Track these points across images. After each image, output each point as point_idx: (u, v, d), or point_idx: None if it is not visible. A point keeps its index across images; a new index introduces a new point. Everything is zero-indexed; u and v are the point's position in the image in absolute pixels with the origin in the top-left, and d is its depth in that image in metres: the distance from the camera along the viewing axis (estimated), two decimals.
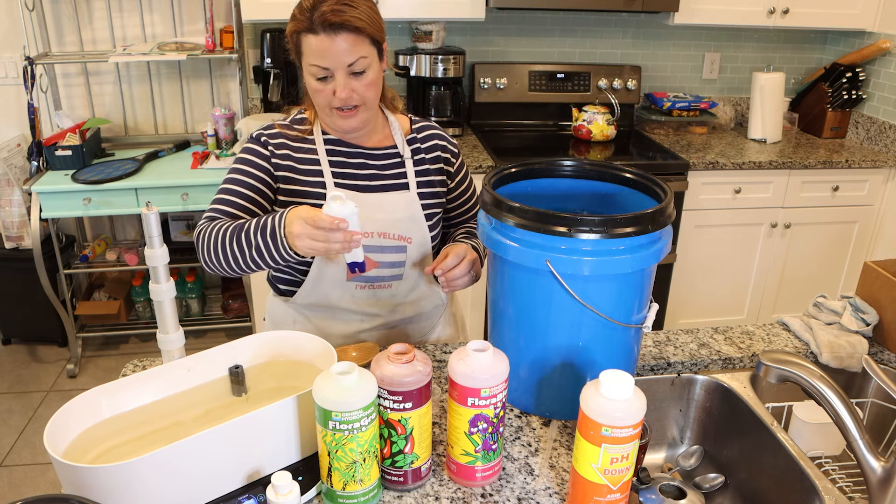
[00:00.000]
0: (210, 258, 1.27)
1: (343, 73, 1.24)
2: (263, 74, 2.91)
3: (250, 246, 1.20)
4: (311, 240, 1.12)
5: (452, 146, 1.48)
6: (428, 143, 1.44)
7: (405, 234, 1.37)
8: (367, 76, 1.27)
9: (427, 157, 1.43)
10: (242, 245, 1.21)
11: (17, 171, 2.80)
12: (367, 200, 1.34)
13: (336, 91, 1.26)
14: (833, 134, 3.21)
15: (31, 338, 3.18)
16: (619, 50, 3.25)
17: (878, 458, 0.98)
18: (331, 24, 1.21)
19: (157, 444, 0.92)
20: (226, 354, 1.09)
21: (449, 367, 0.99)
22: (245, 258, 1.22)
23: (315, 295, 1.41)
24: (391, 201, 1.37)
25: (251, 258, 1.21)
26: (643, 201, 1.21)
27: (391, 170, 1.39)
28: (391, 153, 1.41)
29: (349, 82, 1.26)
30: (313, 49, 1.23)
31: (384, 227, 1.35)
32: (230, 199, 1.32)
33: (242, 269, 1.25)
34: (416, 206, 1.38)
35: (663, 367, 1.33)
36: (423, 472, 1.02)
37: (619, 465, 0.91)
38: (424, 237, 1.40)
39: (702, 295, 3.04)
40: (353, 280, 1.38)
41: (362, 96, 1.28)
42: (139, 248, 3.02)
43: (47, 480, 2.37)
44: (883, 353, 1.38)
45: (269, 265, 1.23)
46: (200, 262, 1.29)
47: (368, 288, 1.40)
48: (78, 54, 2.90)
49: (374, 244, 1.35)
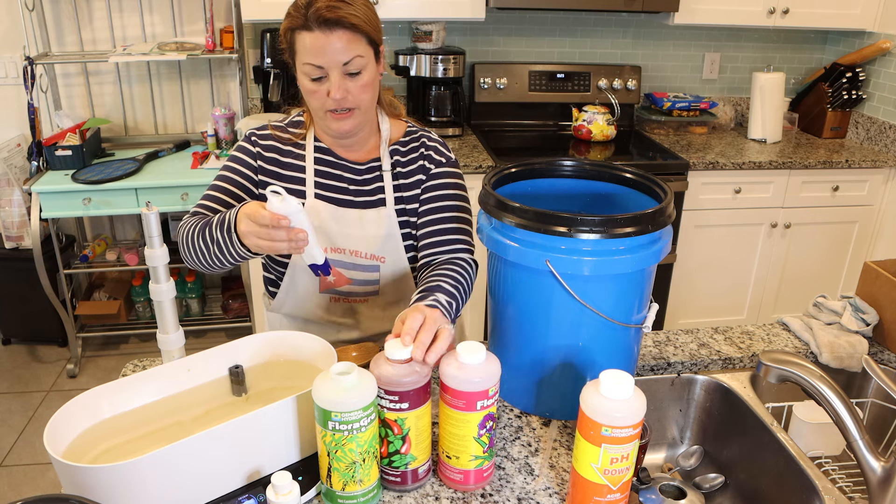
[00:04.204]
0: (184, 252, 1.26)
1: (338, 72, 1.20)
2: (263, 74, 2.92)
3: (212, 240, 1.18)
4: (257, 238, 1.08)
5: (438, 155, 1.37)
6: (410, 156, 1.36)
7: (378, 253, 1.33)
8: (363, 77, 1.22)
9: (405, 170, 1.36)
10: (207, 240, 1.19)
11: (17, 171, 2.81)
12: (345, 216, 1.31)
13: (330, 91, 1.21)
14: (833, 134, 3.20)
15: (31, 338, 3.18)
16: (619, 50, 3.25)
17: (878, 458, 0.98)
18: (326, 21, 1.16)
19: (157, 444, 0.92)
20: (226, 354, 1.09)
21: (447, 379, 0.96)
22: (209, 254, 1.20)
23: (289, 304, 1.39)
24: (368, 218, 1.32)
25: (213, 254, 1.19)
26: (643, 201, 1.21)
27: (371, 184, 1.35)
28: (374, 167, 1.35)
29: (344, 83, 1.21)
30: (307, 47, 1.18)
31: (357, 244, 1.32)
32: (213, 195, 1.31)
33: (212, 264, 1.22)
34: (392, 222, 1.33)
35: (663, 367, 1.32)
36: (422, 474, 1.02)
37: (619, 465, 0.91)
38: (399, 256, 1.35)
39: (702, 295, 3.04)
40: (326, 292, 1.36)
41: (357, 98, 1.23)
42: (139, 248, 3.02)
43: (47, 480, 2.37)
44: (883, 353, 1.38)
45: (230, 261, 1.19)
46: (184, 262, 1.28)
47: (343, 301, 1.37)
48: (78, 54, 2.90)
49: (347, 261, 1.33)
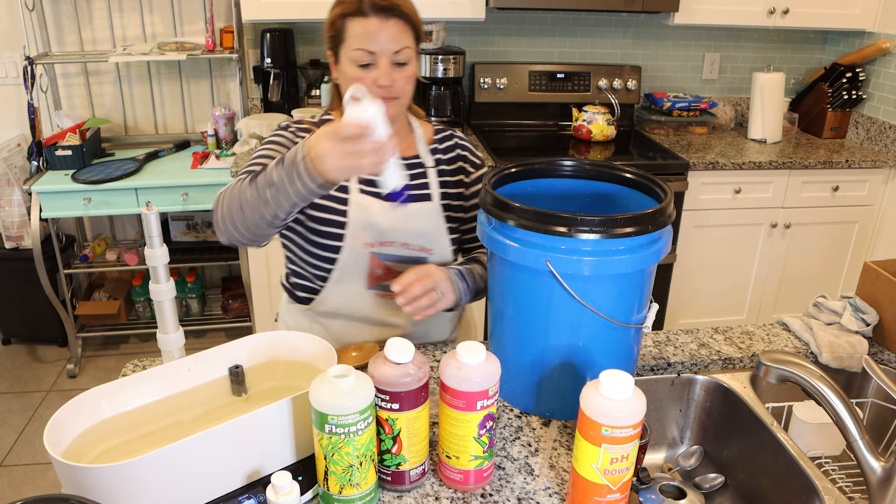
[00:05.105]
0: (224, 216, 1.18)
1: (387, 60, 1.22)
2: (263, 74, 2.92)
3: (268, 184, 1.08)
4: (341, 157, 1.00)
5: (475, 157, 1.45)
6: (450, 154, 1.42)
7: (427, 245, 1.36)
8: (408, 69, 1.25)
9: (448, 168, 1.41)
10: (257, 187, 1.10)
11: (17, 171, 2.81)
12: (394, 210, 1.33)
13: (378, 78, 1.22)
14: (833, 134, 3.20)
15: (31, 338, 3.18)
16: (619, 50, 3.25)
17: (878, 458, 0.98)
18: (382, 8, 1.20)
19: (157, 444, 0.92)
20: (226, 354, 1.09)
21: (447, 379, 0.96)
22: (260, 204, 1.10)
23: (334, 301, 1.38)
24: (414, 212, 1.34)
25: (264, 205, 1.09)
26: (643, 201, 1.21)
27: (414, 180, 1.37)
28: (414, 163, 1.38)
29: (392, 72, 1.23)
30: (361, 32, 1.21)
31: (406, 237, 1.34)
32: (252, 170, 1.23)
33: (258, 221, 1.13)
34: (438, 217, 1.36)
35: (663, 367, 1.32)
36: (414, 477, 1.01)
37: (619, 465, 0.91)
38: (445, 249, 1.38)
39: (702, 295, 3.04)
40: (375, 288, 1.36)
41: (401, 88, 1.26)
42: (139, 248, 3.02)
43: (47, 480, 2.37)
44: (883, 353, 1.38)
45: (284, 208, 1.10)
46: (217, 231, 1.21)
47: (391, 297, 1.36)
48: (78, 54, 2.90)
49: (397, 253, 1.34)
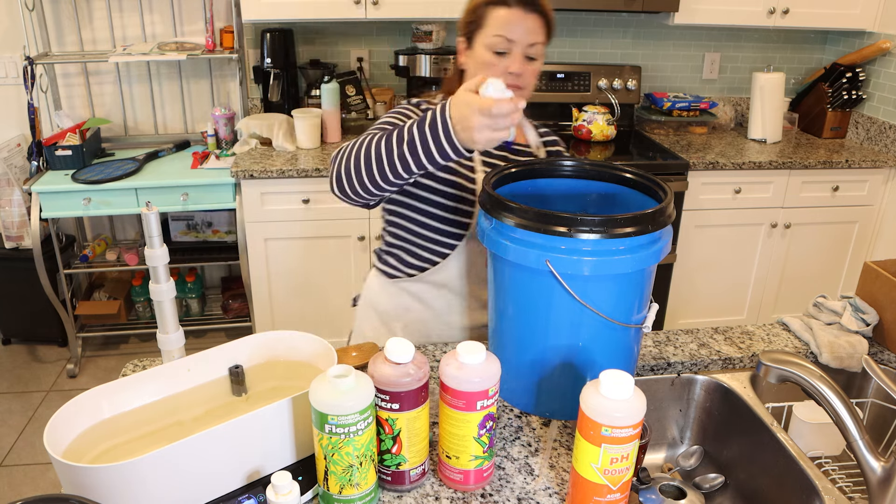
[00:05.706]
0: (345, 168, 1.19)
1: (521, 50, 1.31)
2: (263, 74, 2.92)
3: (402, 141, 1.10)
4: (492, 130, 1.03)
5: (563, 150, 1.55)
6: (554, 148, 1.53)
7: None
8: (536, 64, 1.34)
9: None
10: (392, 141, 1.12)
11: (17, 171, 2.81)
12: None
13: (510, 66, 1.31)
14: (833, 134, 3.21)
15: (31, 338, 3.18)
16: (619, 50, 3.25)
17: (878, 458, 0.98)
18: (526, 2, 1.30)
19: (157, 444, 0.92)
20: (226, 354, 1.09)
21: (447, 379, 0.96)
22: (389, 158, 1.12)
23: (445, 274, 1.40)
24: None
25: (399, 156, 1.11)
26: (643, 201, 1.21)
27: None
28: (527, 151, 1.48)
29: (523, 62, 1.32)
30: (502, 20, 1.30)
31: None
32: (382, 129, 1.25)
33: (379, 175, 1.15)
34: None
35: (663, 367, 1.32)
36: (414, 477, 1.01)
37: (619, 465, 0.91)
38: None
39: (702, 295, 3.04)
40: None
41: (527, 80, 1.34)
42: (139, 248, 3.02)
43: (47, 480, 2.37)
44: (883, 353, 1.38)
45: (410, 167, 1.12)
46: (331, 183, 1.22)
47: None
48: (78, 54, 2.90)
49: None
